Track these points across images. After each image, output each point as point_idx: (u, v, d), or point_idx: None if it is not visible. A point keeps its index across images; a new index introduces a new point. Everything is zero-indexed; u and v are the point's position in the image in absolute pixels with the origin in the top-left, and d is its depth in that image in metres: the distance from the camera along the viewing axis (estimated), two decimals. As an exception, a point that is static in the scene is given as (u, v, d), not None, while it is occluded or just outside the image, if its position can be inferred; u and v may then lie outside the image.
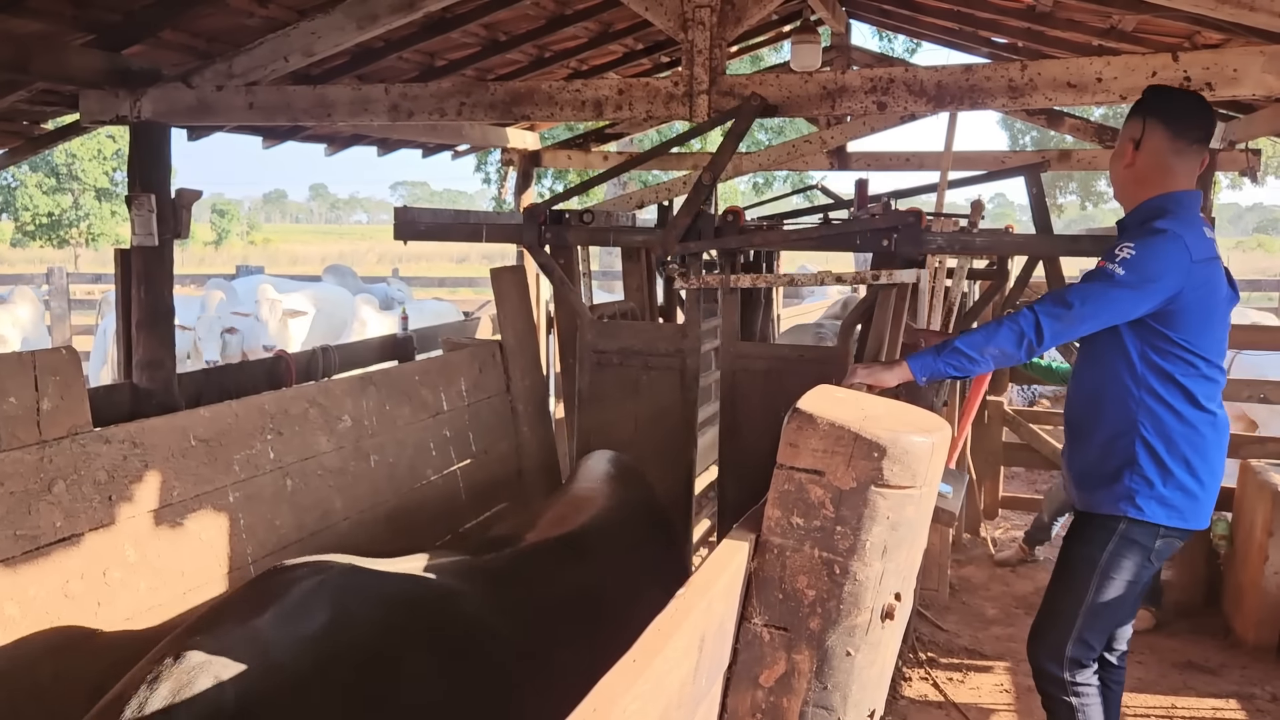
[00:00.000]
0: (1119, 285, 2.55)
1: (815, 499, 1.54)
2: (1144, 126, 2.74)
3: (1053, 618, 2.86)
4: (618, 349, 3.68)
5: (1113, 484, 2.71)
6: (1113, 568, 2.73)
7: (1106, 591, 2.75)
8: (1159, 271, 2.56)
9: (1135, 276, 2.55)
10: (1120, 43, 4.75)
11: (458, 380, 3.44)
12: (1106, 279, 2.56)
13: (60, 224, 28.97)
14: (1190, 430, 2.68)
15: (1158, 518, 2.68)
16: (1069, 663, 2.81)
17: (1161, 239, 2.59)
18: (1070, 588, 2.80)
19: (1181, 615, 5.14)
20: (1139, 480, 2.68)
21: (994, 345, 2.57)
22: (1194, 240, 2.62)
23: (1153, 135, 2.73)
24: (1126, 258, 2.56)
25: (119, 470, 2.22)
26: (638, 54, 6.28)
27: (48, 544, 2.07)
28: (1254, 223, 67.33)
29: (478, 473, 3.45)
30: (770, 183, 19.50)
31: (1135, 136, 2.74)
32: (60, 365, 2.16)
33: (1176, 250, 2.58)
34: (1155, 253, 2.57)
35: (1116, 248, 2.60)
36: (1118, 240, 2.67)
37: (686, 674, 1.35)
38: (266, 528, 2.56)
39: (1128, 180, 2.78)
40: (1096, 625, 2.80)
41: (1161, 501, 2.68)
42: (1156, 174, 2.74)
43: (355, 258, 36.17)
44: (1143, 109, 2.76)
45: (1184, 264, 2.58)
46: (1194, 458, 2.69)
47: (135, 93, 3.69)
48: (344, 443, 2.86)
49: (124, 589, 2.19)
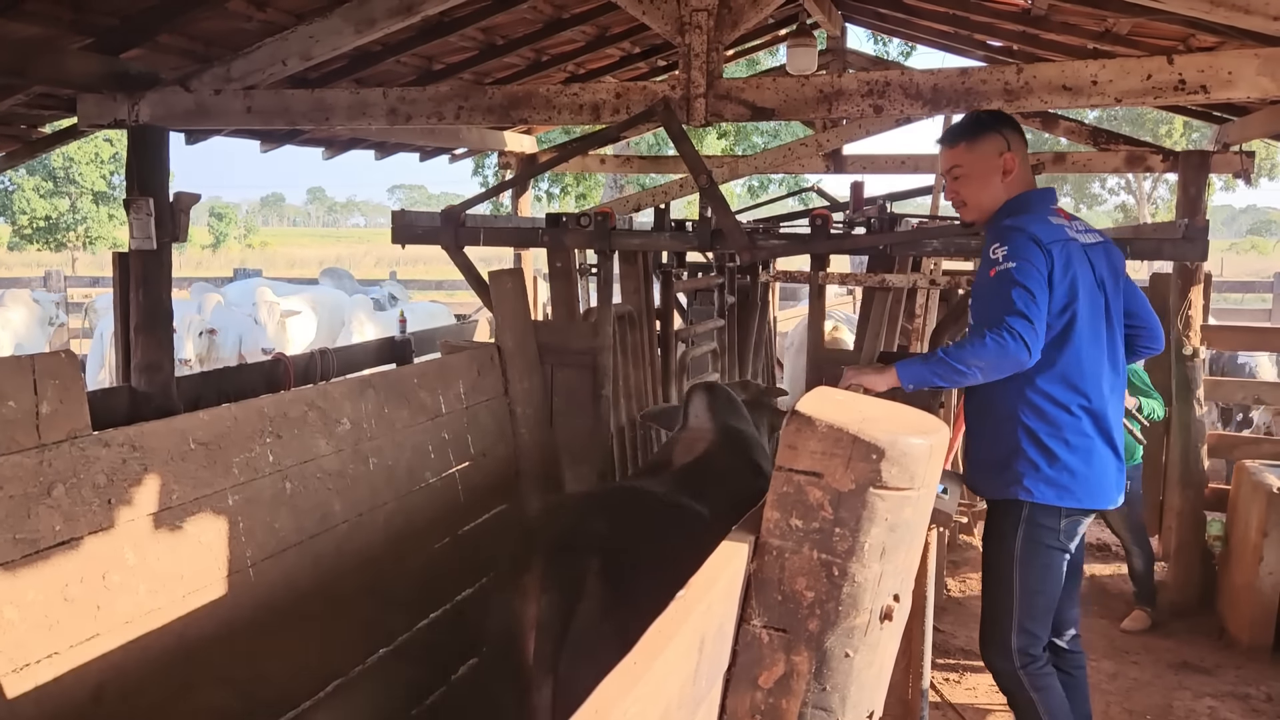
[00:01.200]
0: (1025, 271, 2.66)
1: (814, 501, 1.55)
2: (1002, 139, 2.88)
3: (991, 616, 2.96)
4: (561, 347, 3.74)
5: (1003, 470, 2.83)
6: (1028, 554, 2.84)
7: (1029, 577, 2.85)
8: (1031, 250, 2.69)
9: (1023, 260, 2.67)
10: (1115, 46, 4.76)
11: (456, 383, 3.44)
12: (1010, 279, 2.65)
13: (58, 227, 28.93)
14: (1066, 414, 2.78)
15: (1049, 499, 2.79)
16: (1018, 655, 2.89)
17: (1017, 223, 2.76)
18: (997, 583, 2.91)
19: (1176, 615, 5.15)
20: (1025, 464, 2.79)
21: (978, 358, 2.63)
22: (1041, 228, 2.76)
23: (1015, 142, 2.90)
24: (1004, 252, 2.69)
25: (118, 474, 2.22)
26: (635, 58, 6.29)
27: (47, 547, 2.07)
28: (1248, 224, 67.44)
29: (476, 475, 3.46)
30: (766, 186, 19.52)
31: (1003, 149, 2.88)
32: (59, 369, 2.16)
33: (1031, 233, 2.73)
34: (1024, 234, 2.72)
35: (989, 250, 2.73)
36: (987, 240, 2.82)
37: (686, 676, 1.36)
38: (266, 531, 2.56)
39: (995, 194, 2.91)
40: (1033, 612, 2.88)
41: (1050, 483, 2.79)
42: (1022, 178, 2.91)
43: (353, 261, 36.12)
44: (992, 126, 2.91)
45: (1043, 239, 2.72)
46: (1076, 439, 2.79)
47: (133, 96, 3.69)
48: (343, 446, 2.86)
49: (123, 592, 2.19)
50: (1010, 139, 2.89)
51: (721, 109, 3.33)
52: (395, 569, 3.01)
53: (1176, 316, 5.35)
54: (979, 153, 2.89)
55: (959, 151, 2.92)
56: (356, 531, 2.86)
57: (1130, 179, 25.90)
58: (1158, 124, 21.89)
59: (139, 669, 2.21)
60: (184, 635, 2.32)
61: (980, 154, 2.89)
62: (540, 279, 7.91)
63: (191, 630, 2.34)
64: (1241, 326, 9.38)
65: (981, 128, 2.90)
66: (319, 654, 2.69)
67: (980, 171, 2.89)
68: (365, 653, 2.85)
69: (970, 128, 2.92)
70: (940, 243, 3.68)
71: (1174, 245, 3.52)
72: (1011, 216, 2.82)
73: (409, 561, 3.08)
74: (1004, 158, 2.86)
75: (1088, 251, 2.84)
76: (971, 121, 2.94)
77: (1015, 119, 2.97)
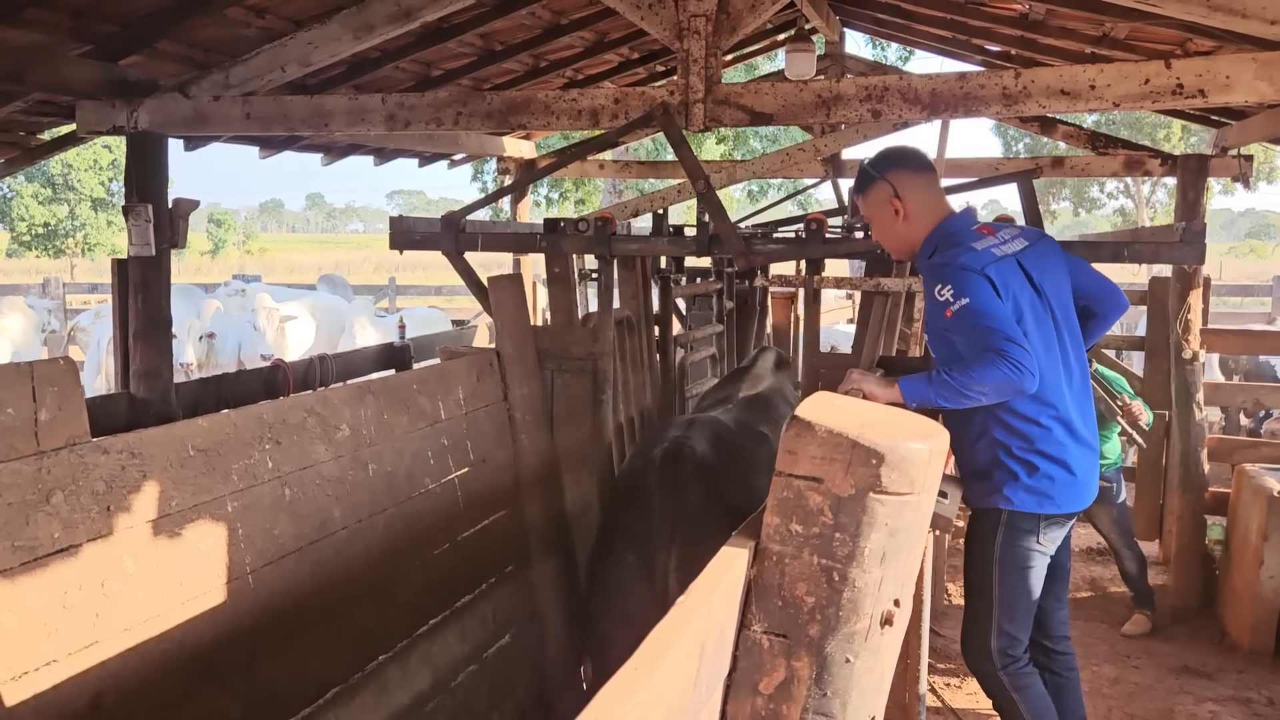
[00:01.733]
0: (982, 300, 2.65)
1: (814, 506, 1.54)
2: (887, 185, 2.90)
3: (972, 619, 2.99)
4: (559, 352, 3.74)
5: (985, 480, 2.87)
6: (1007, 556, 2.86)
7: (1008, 580, 2.88)
8: (972, 281, 2.68)
9: (972, 292, 2.66)
10: (1113, 50, 4.77)
11: (455, 389, 3.43)
12: (974, 312, 2.64)
13: (56, 234, 28.90)
14: (1037, 427, 2.80)
15: (1029, 506, 2.82)
16: (997, 656, 2.92)
17: (951, 259, 2.75)
18: (977, 585, 2.95)
19: (1177, 620, 5.15)
20: (1005, 474, 2.83)
21: (985, 383, 2.62)
22: (969, 257, 2.74)
23: (904, 182, 2.90)
24: (950, 291, 2.68)
25: (117, 481, 2.22)
26: (633, 63, 6.30)
27: (45, 555, 2.07)
28: (1246, 228, 67.54)
29: (475, 481, 3.45)
30: (765, 191, 19.51)
31: (890, 194, 2.89)
32: (58, 376, 2.16)
33: (964, 263, 2.72)
34: (959, 266, 2.71)
35: (934, 292, 2.72)
36: (926, 283, 2.81)
37: (687, 682, 1.35)
38: (265, 537, 2.55)
39: (909, 233, 2.92)
40: (1012, 614, 2.91)
41: (1031, 491, 2.82)
42: (926, 210, 2.90)
43: (352, 266, 36.14)
44: (873, 174, 2.94)
45: (979, 267, 2.71)
46: (1052, 449, 2.81)
47: (132, 103, 3.70)
48: (342, 452, 2.85)
49: (122, 600, 2.19)
50: (896, 182, 2.90)
51: (720, 114, 3.33)
52: (395, 575, 3.01)
53: (1175, 320, 5.36)
54: (872, 202, 2.95)
55: (860, 202, 3.00)
56: (356, 538, 2.85)
57: (1129, 183, 25.93)
58: (1156, 128, 21.90)
59: (138, 676, 2.20)
60: (183, 642, 2.31)
61: (873, 203, 2.95)
62: (539, 284, 7.91)
63: (191, 637, 2.33)
64: (1241, 330, 9.39)
65: (867, 179, 2.96)
66: (318, 661, 2.68)
67: (880, 218, 2.95)
68: (365, 660, 2.84)
69: (860, 180, 2.98)
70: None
71: (1172, 249, 3.52)
72: (938, 253, 2.82)
73: (409, 568, 3.07)
74: (892, 203, 2.90)
75: (1020, 260, 2.83)
76: (861, 174, 2.99)
77: (909, 155, 2.97)
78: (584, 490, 3.73)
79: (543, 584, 3.71)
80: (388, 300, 16.12)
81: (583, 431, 3.71)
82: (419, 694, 3.01)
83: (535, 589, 3.70)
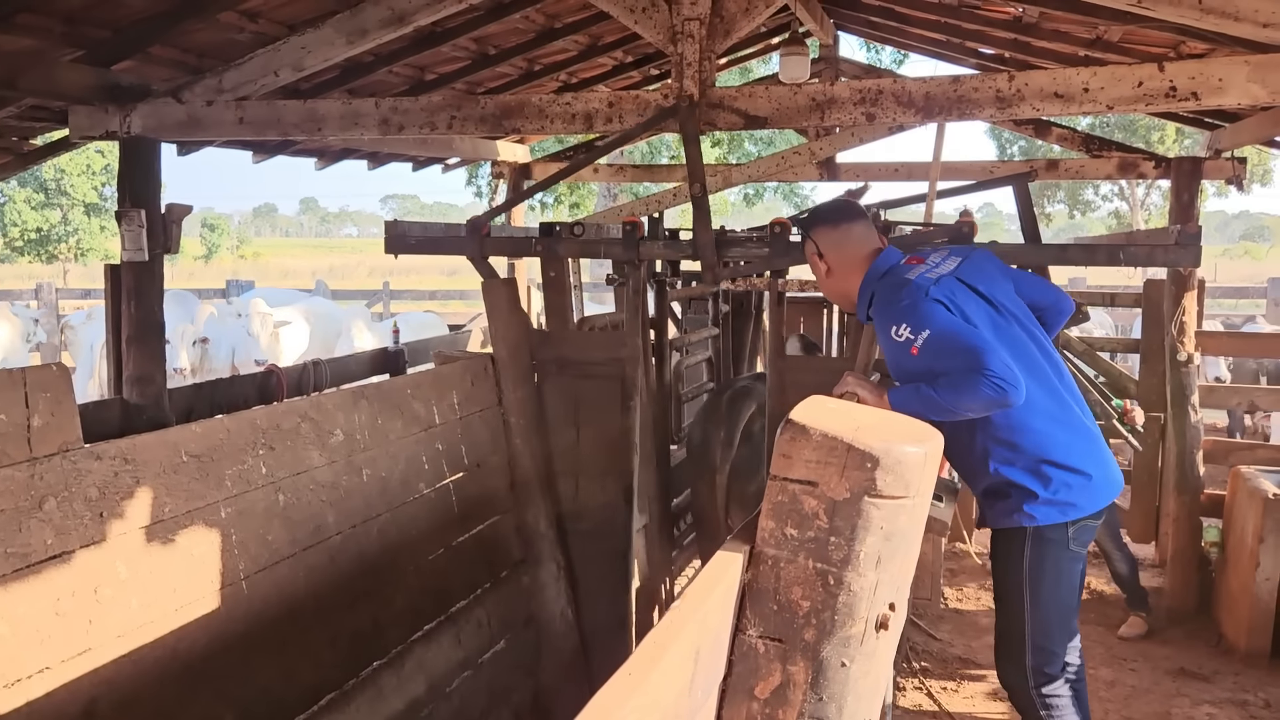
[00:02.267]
0: (940, 324, 2.61)
1: (809, 510, 1.54)
2: (811, 242, 2.95)
3: (1005, 636, 2.92)
4: (554, 358, 3.70)
5: (1003, 499, 2.79)
6: (1038, 570, 2.79)
7: (1041, 594, 2.80)
8: (921, 307, 2.64)
9: (926, 320, 2.61)
10: (1106, 53, 4.78)
11: (449, 394, 3.43)
12: (942, 337, 2.59)
13: (49, 239, 28.87)
14: (1031, 434, 2.73)
15: (1052, 518, 2.75)
16: (1032, 674, 2.85)
17: (894, 298, 2.71)
18: (1009, 602, 2.86)
19: (1174, 622, 5.15)
20: (1021, 492, 2.75)
21: (973, 400, 2.58)
22: (910, 289, 2.70)
23: (822, 239, 2.93)
24: (908, 328, 2.63)
25: (110, 487, 2.21)
26: (627, 67, 6.31)
27: (38, 561, 2.06)
28: (1240, 230, 67.75)
29: (470, 486, 3.45)
30: (760, 194, 19.52)
31: (814, 251, 2.95)
32: (51, 382, 2.15)
33: (909, 294, 2.68)
34: (908, 300, 2.67)
35: (890, 334, 2.66)
36: (879, 329, 2.76)
37: (682, 687, 1.35)
38: (259, 543, 2.55)
39: (840, 286, 2.94)
40: (1047, 628, 2.84)
41: (1052, 503, 2.74)
42: (852, 262, 2.89)
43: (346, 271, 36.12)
44: (803, 235, 3.01)
45: (926, 292, 2.66)
46: (1056, 454, 2.74)
47: (125, 108, 3.69)
48: (336, 457, 2.85)
49: (115, 606, 2.18)
50: (818, 239, 2.92)
51: (714, 118, 3.33)
52: (389, 581, 3.00)
53: (1170, 322, 5.36)
54: (807, 259, 3.01)
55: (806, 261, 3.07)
56: (350, 543, 2.85)
57: (1124, 185, 26.00)
58: (1150, 130, 21.96)
59: (131, 683, 2.19)
60: (177, 649, 2.30)
61: (807, 258, 3.01)
62: (534, 288, 7.90)
63: (184, 644, 2.32)
64: (1235, 332, 9.41)
65: (799, 237, 3.05)
66: (313, 667, 2.68)
67: (814, 273, 3.01)
68: (359, 665, 2.84)
69: (799, 239, 3.08)
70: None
71: (1167, 252, 3.52)
72: (877, 297, 2.79)
73: (403, 573, 3.07)
74: (814, 261, 2.95)
75: (959, 276, 2.79)
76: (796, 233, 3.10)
77: (829, 210, 3.02)
78: (609, 496, 3.68)
79: (538, 588, 3.70)
80: (382, 305, 16.12)
81: (609, 437, 3.65)
82: (414, 699, 3.00)
83: (531, 593, 3.69)
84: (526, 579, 3.69)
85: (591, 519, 3.72)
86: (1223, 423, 10.28)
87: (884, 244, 2.93)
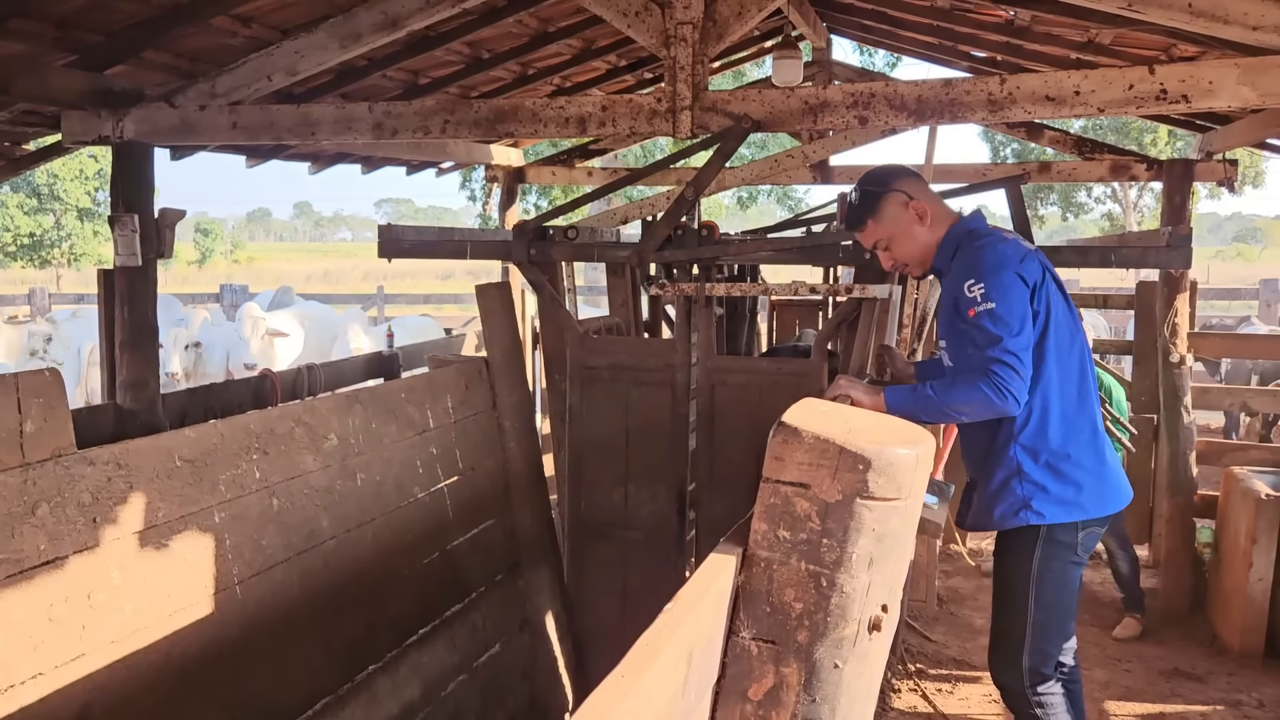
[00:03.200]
0: (1009, 309, 2.62)
1: (801, 512, 1.55)
2: (900, 194, 2.90)
3: (1003, 635, 2.90)
4: (608, 364, 3.69)
5: (1010, 498, 2.77)
6: (1044, 573, 2.78)
7: (1044, 597, 2.79)
8: (1012, 286, 2.65)
9: (1004, 298, 2.62)
10: (1098, 56, 4.80)
11: (444, 397, 3.43)
12: (992, 318, 2.61)
13: (42, 244, 28.76)
14: (1061, 424, 2.73)
15: (1059, 517, 2.74)
16: (1028, 674, 2.85)
17: (987, 255, 2.71)
18: (1011, 602, 2.85)
19: (1168, 623, 5.17)
20: (1030, 486, 2.74)
21: (967, 403, 2.62)
22: (1008, 247, 2.75)
23: (912, 188, 2.91)
24: (982, 290, 2.64)
25: (103, 492, 2.21)
26: (620, 70, 6.31)
27: (31, 567, 2.05)
28: (1233, 232, 67.99)
29: (465, 490, 3.45)
30: (754, 197, 19.52)
31: (904, 201, 2.88)
32: (44, 387, 2.15)
33: (1003, 256, 2.71)
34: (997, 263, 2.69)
35: (964, 287, 2.67)
36: (953, 278, 2.77)
37: (675, 689, 1.35)
38: (253, 548, 2.55)
39: (927, 237, 2.89)
40: (1047, 630, 2.84)
41: (1060, 502, 2.74)
42: (940, 211, 2.92)
43: (340, 275, 36.07)
44: (879, 191, 2.92)
45: (1016, 264, 2.70)
46: (1075, 450, 2.75)
47: (118, 113, 3.68)
48: (330, 461, 2.84)
49: (109, 611, 2.18)
50: (905, 187, 2.90)
51: (707, 121, 3.33)
52: (384, 585, 3.00)
53: (1163, 324, 5.38)
54: (888, 218, 2.91)
55: (870, 229, 2.94)
56: (344, 548, 2.85)
57: (1116, 188, 26.05)
58: (1143, 133, 22.00)
59: (125, 689, 2.19)
60: (170, 654, 2.30)
61: (890, 217, 2.90)
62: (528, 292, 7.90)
63: (178, 649, 2.32)
64: (1228, 333, 9.43)
65: (875, 197, 2.92)
66: (307, 671, 2.67)
67: (900, 231, 2.91)
68: (354, 670, 2.83)
69: (865, 203, 2.93)
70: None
71: (1159, 253, 3.54)
72: (963, 251, 2.79)
73: (398, 577, 3.06)
74: (911, 206, 2.88)
75: (1042, 260, 2.84)
76: (861, 196, 2.94)
77: (902, 167, 2.99)
78: (660, 505, 3.64)
79: (533, 592, 3.70)
80: (376, 309, 16.11)
81: (659, 445, 3.61)
82: (409, 704, 3.00)
83: (526, 597, 3.69)
84: (521, 582, 3.69)
85: (642, 526, 3.69)
86: (1217, 423, 10.31)
87: None
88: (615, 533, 3.71)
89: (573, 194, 15.07)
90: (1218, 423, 10.31)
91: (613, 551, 3.71)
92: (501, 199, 7.09)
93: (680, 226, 3.52)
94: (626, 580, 3.72)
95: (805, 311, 7.95)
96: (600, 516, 3.72)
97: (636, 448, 3.66)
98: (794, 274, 9.38)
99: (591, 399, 3.69)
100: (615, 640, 3.67)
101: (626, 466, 3.67)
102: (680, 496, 3.64)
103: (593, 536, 3.74)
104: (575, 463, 3.74)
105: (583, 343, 3.72)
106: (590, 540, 3.75)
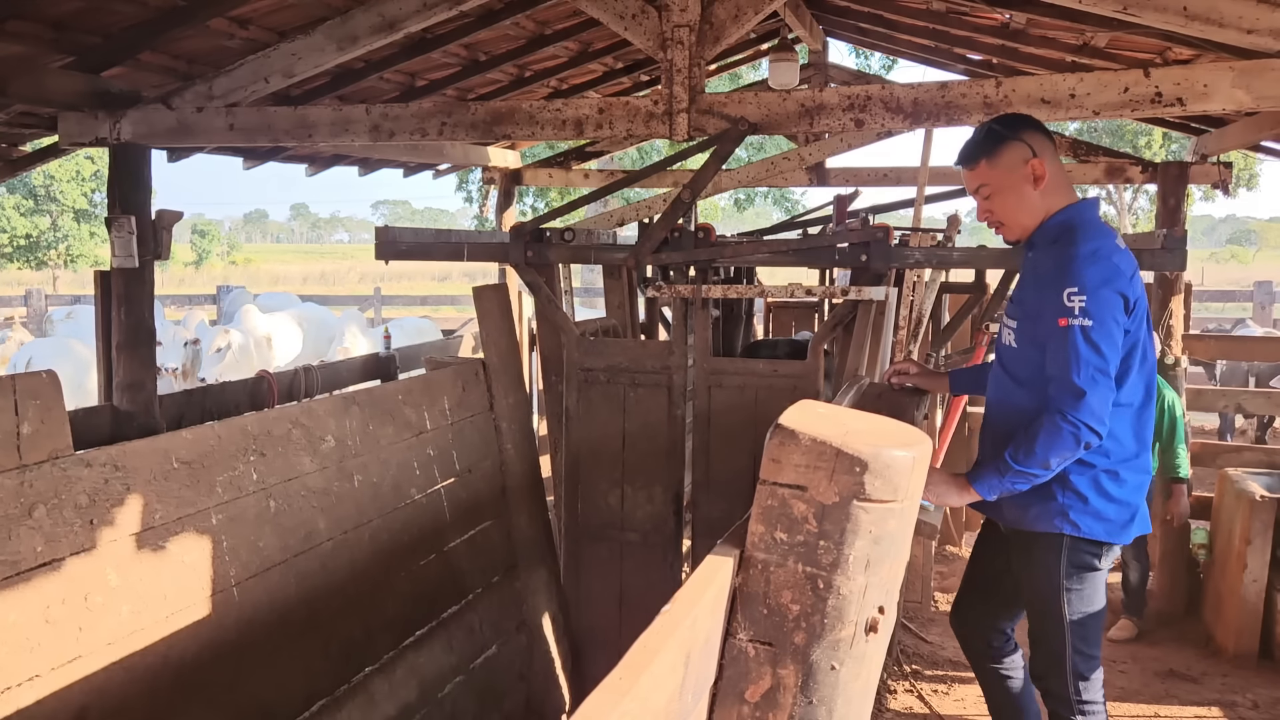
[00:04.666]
0: (1104, 333, 2.49)
1: (798, 514, 1.55)
2: (1025, 145, 2.68)
3: (1043, 642, 2.85)
4: (605, 366, 3.70)
5: (1047, 501, 2.69)
6: (1075, 580, 2.74)
7: (1077, 603, 2.76)
8: (1113, 305, 2.52)
9: (1102, 318, 2.49)
10: (1093, 59, 4.81)
11: (441, 399, 3.43)
12: (1086, 340, 2.49)
13: (38, 246, 28.72)
14: (1118, 441, 2.67)
15: (1095, 534, 2.68)
16: (1073, 678, 2.80)
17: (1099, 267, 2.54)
18: (1045, 610, 2.80)
19: (1163, 624, 5.18)
20: (1071, 495, 2.67)
21: (1058, 455, 2.53)
22: (1121, 259, 2.60)
23: (1039, 145, 2.69)
24: (1082, 303, 2.49)
25: (100, 494, 2.21)
26: (617, 73, 6.32)
27: (28, 569, 2.05)
28: (1227, 234, 68.18)
29: (461, 491, 3.45)
30: (751, 199, 19.53)
31: (1026, 156, 2.67)
32: (40, 389, 2.15)
33: (1115, 270, 2.56)
34: (1106, 277, 2.53)
35: (1063, 294, 2.51)
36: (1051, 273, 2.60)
37: (672, 691, 1.36)
38: (250, 549, 2.55)
39: (1034, 203, 2.69)
40: (1085, 633, 2.80)
41: (1097, 517, 2.68)
42: (1060, 182, 2.71)
43: (337, 277, 36.05)
44: (1007, 133, 2.70)
45: (1124, 281, 2.56)
46: (1123, 470, 2.69)
47: (115, 114, 3.69)
48: (327, 463, 2.84)
49: (106, 613, 2.18)
50: (1033, 142, 2.68)
51: (704, 124, 3.34)
52: (381, 587, 3.00)
53: (1158, 326, 5.39)
54: (1002, 166, 2.69)
55: (980, 170, 2.73)
56: (341, 549, 2.85)
57: (1111, 190, 26.11)
58: (1138, 135, 22.05)
59: (122, 691, 2.19)
60: (168, 656, 2.30)
61: (1004, 167, 2.69)
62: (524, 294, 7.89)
63: (175, 651, 2.32)
64: (1223, 335, 9.46)
65: (998, 139, 2.69)
66: (304, 673, 2.67)
67: (1009, 185, 2.69)
68: (351, 671, 2.83)
69: (986, 141, 2.71)
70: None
71: (1153, 255, 3.55)
72: (1078, 242, 2.57)
73: (394, 579, 3.06)
74: (1030, 165, 2.66)
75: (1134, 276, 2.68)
76: (985, 134, 2.72)
77: (1036, 119, 2.78)
78: (657, 507, 3.66)
79: (530, 594, 3.70)
80: (373, 310, 16.10)
81: (656, 447, 3.62)
82: (406, 705, 3.00)
83: (523, 599, 3.69)
84: (518, 584, 3.69)
85: (639, 528, 3.70)
86: (1211, 425, 10.34)
87: None
88: (612, 534, 3.72)
89: (570, 196, 15.07)
90: (1212, 424, 10.33)
91: (610, 553, 3.73)
92: (498, 201, 7.09)
93: (677, 228, 3.53)
94: (623, 582, 3.74)
95: (801, 313, 7.96)
96: (597, 518, 3.74)
97: (633, 449, 3.68)
98: (790, 276, 9.41)
99: (588, 401, 3.71)
100: (612, 642, 3.71)
101: (623, 468, 3.69)
102: (677, 498, 3.66)
103: (590, 538, 3.76)
104: (572, 464, 3.75)
105: (580, 345, 3.73)
106: (587, 542, 3.76)
